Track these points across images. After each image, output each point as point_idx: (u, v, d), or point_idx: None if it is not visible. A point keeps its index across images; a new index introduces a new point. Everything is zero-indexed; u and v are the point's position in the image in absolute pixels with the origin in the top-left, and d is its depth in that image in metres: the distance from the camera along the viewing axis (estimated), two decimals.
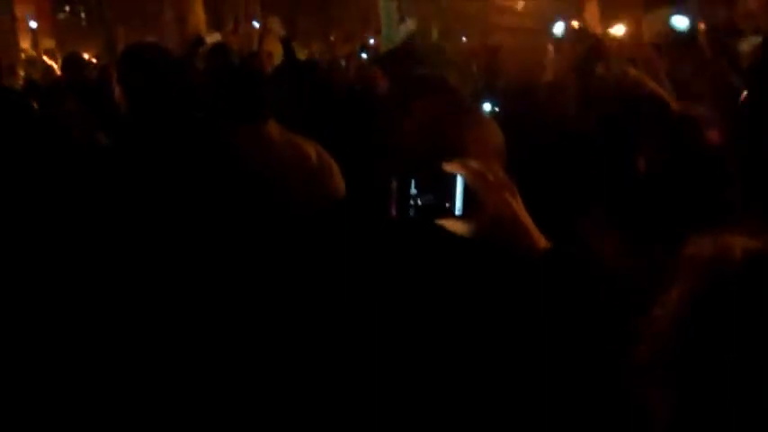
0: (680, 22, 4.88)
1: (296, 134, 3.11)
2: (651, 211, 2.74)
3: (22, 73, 7.91)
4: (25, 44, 14.09)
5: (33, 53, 10.85)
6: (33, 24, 15.13)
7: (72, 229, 2.72)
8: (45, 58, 11.07)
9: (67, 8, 16.28)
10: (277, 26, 6.88)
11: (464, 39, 7.66)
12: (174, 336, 2.54)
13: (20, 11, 15.54)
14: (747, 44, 4.66)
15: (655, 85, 3.50)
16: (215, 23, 10.78)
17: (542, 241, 1.60)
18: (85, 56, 11.75)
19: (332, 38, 12.67)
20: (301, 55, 7.55)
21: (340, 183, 3.08)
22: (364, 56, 7.39)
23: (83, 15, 14.20)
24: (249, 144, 2.93)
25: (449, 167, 1.58)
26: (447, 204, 1.57)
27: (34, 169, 2.95)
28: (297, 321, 1.85)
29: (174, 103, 3.05)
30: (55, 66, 8.19)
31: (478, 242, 1.57)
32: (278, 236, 2.48)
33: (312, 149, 3.13)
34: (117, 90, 3.11)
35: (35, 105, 3.92)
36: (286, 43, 6.07)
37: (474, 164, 1.60)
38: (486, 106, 4.14)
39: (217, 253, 2.59)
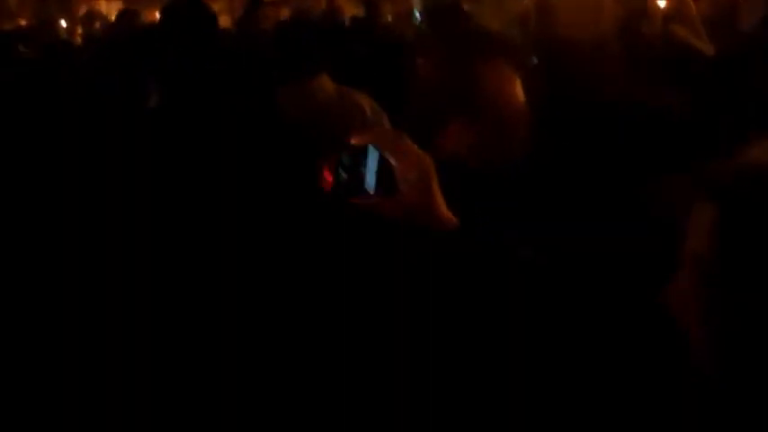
0: None
1: (349, 88, 3.21)
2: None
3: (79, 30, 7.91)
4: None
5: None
6: None
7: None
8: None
9: None
10: None
11: None
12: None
13: None
14: None
15: (700, 43, 3.53)
16: None
17: (452, 222, 1.51)
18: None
19: None
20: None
21: None
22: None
23: None
24: (292, 101, 3.01)
25: (358, 139, 1.47)
26: (363, 181, 1.45)
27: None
28: None
29: (223, 61, 3.12)
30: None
31: (389, 223, 1.48)
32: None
33: (366, 102, 3.23)
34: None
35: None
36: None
37: (390, 136, 1.49)
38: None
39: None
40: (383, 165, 1.44)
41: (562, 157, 2.14)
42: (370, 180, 1.45)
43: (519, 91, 1.91)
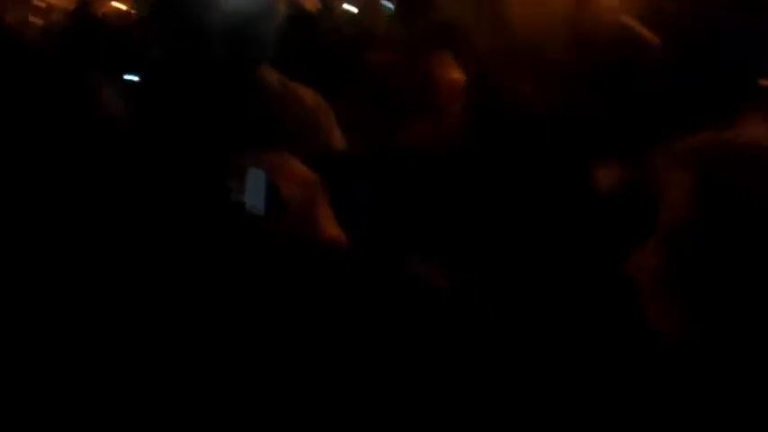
0: None
1: (293, 82, 3.16)
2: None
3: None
4: None
5: None
6: None
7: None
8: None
9: None
10: None
11: None
12: None
13: None
14: None
15: (645, 29, 3.53)
16: None
17: (340, 238, 1.55)
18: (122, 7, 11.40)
19: None
20: None
21: (339, 133, 3.12)
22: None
23: None
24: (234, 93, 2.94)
25: (248, 163, 1.53)
26: (253, 202, 1.50)
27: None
28: None
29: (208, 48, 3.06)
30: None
31: (279, 241, 1.51)
32: None
33: (311, 97, 3.17)
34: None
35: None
36: None
37: (273, 158, 1.56)
38: None
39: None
40: (271, 186, 1.48)
41: (495, 148, 2.12)
42: (260, 201, 1.47)
43: (460, 79, 1.92)
